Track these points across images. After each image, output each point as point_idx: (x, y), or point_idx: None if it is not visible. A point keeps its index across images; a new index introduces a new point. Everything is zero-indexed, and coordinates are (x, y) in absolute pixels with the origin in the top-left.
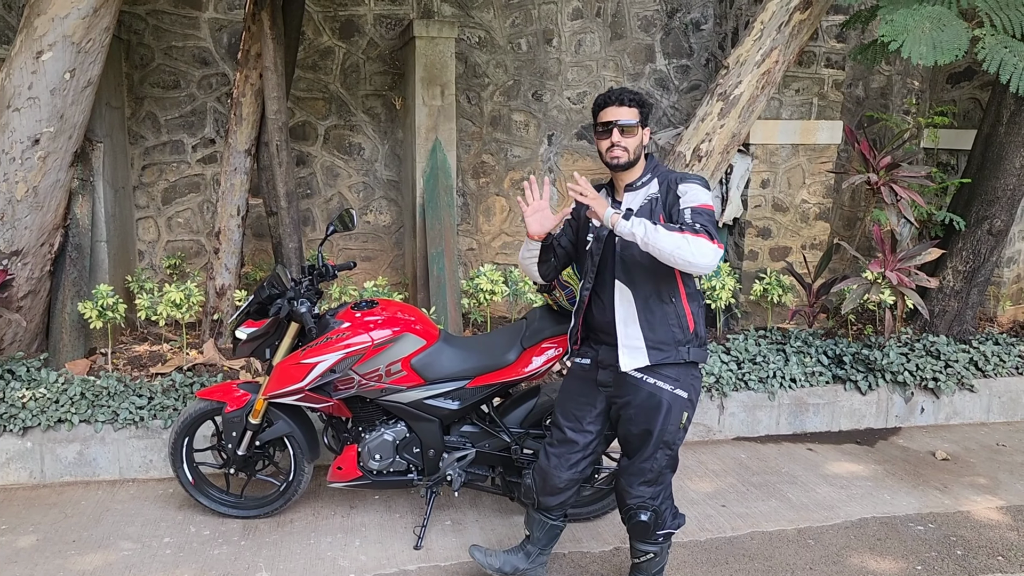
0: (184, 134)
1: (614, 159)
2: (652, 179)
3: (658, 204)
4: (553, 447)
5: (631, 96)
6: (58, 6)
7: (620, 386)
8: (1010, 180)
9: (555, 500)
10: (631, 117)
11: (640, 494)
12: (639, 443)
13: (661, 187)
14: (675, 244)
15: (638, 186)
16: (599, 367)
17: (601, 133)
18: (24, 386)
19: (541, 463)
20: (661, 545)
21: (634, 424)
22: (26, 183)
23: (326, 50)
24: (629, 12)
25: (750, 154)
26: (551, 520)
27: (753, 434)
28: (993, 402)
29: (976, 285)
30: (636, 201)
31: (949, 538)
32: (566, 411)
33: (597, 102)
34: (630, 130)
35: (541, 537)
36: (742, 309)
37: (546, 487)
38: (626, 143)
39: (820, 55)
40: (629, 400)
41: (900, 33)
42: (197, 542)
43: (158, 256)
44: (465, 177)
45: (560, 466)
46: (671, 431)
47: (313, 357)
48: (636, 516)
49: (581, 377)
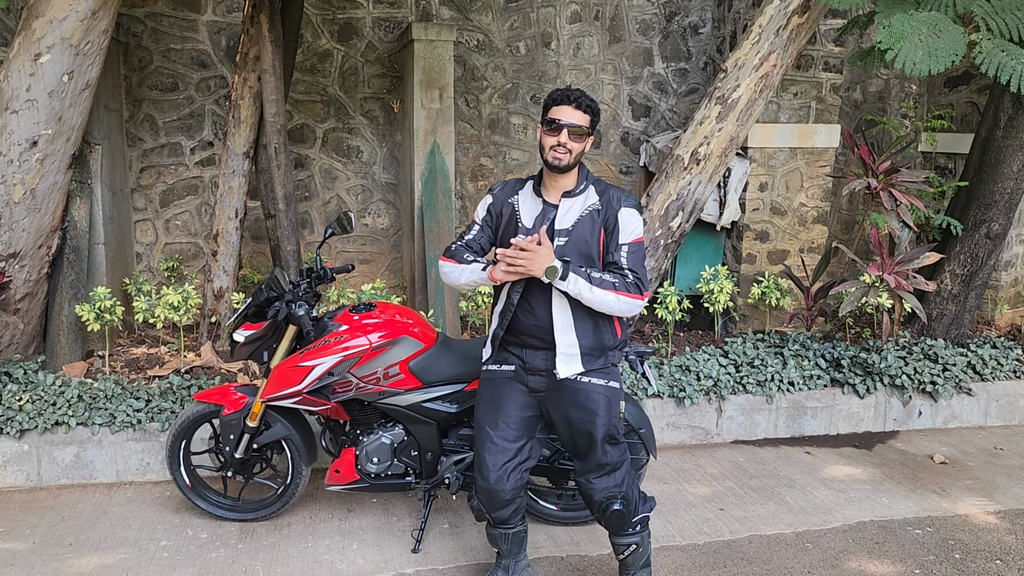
0: (182, 136)
1: (556, 159)
2: (588, 187)
3: (599, 218)
4: (490, 464)
5: (587, 101)
6: (56, 8)
7: (555, 390)
8: (1008, 184)
9: (507, 511)
10: (583, 122)
11: (604, 485)
12: (585, 443)
13: (601, 200)
14: (608, 305)
15: (576, 194)
16: (528, 373)
17: (550, 129)
18: (21, 389)
19: (480, 484)
20: (641, 534)
21: (576, 425)
22: (24, 185)
23: (324, 53)
24: (627, 16)
25: (748, 157)
26: (512, 529)
27: (751, 437)
28: (991, 406)
29: (974, 289)
30: (575, 209)
31: (947, 542)
32: (495, 422)
33: (552, 96)
34: (579, 134)
35: (511, 548)
36: (740, 312)
37: (494, 504)
38: (571, 146)
39: (818, 59)
40: (567, 404)
41: (897, 40)
42: (194, 545)
43: (156, 258)
44: (463, 180)
45: (501, 479)
46: (613, 424)
47: (311, 360)
48: (609, 508)
49: (503, 384)
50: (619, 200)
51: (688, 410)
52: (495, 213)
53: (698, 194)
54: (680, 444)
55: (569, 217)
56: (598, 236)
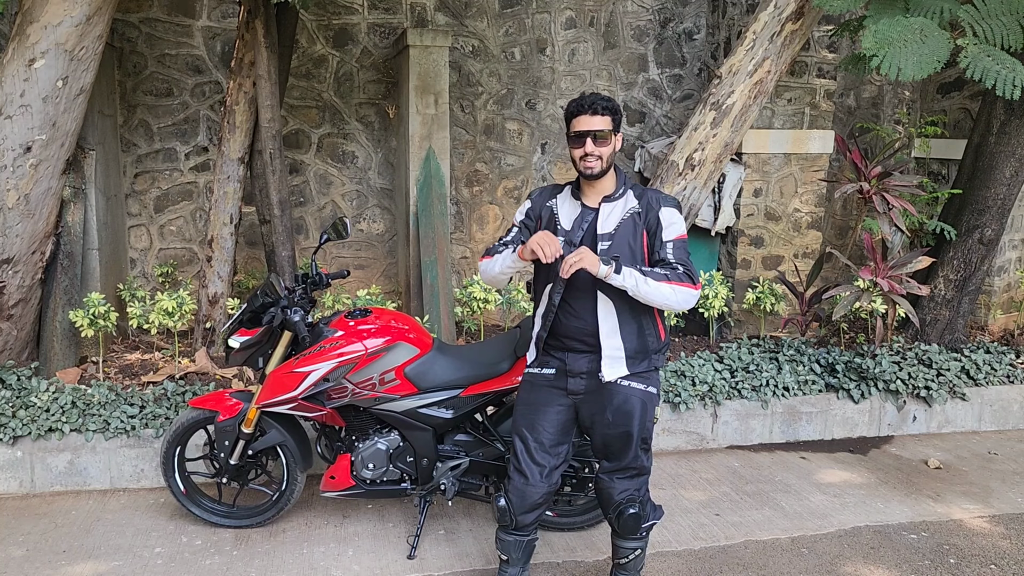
0: (177, 142)
1: (588, 169)
2: (626, 191)
3: (640, 221)
4: (527, 464)
5: (604, 104)
6: (51, 14)
7: (593, 392)
8: (1000, 189)
9: (532, 516)
10: (604, 125)
11: (626, 488)
12: (620, 445)
13: (641, 203)
14: (663, 296)
15: (616, 198)
16: (568, 376)
17: (575, 142)
18: (14, 395)
19: (517, 483)
20: (644, 540)
21: (612, 428)
22: (17, 191)
23: (320, 58)
24: (622, 22)
25: (742, 163)
26: (527, 537)
27: (746, 443)
28: (985, 410)
29: (967, 294)
30: (616, 214)
31: (942, 547)
32: (532, 424)
33: (569, 110)
34: (604, 138)
35: (520, 557)
36: (735, 318)
37: (525, 504)
38: (600, 151)
39: (812, 65)
40: (605, 406)
41: (882, 46)
42: (189, 552)
43: (150, 264)
44: (458, 186)
45: (538, 482)
46: (648, 428)
47: (306, 366)
48: (626, 511)
49: (544, 387)
50: (659, 200)
51: (683, 415)
52: (534, 216)
53: (693, 200)
54: (676, 449)
55: (611, 221)
56: (641, 239)
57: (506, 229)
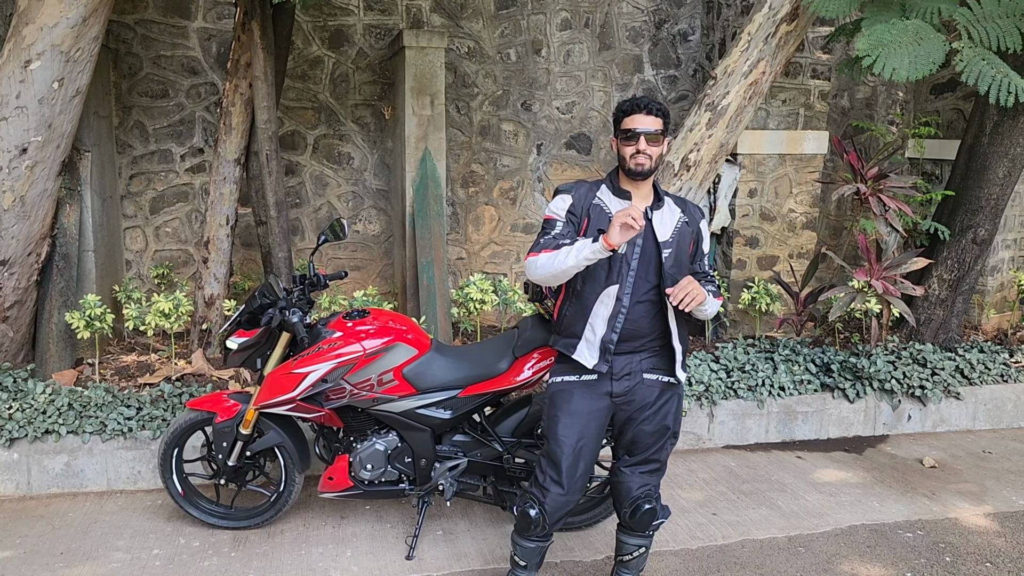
0: (172, 143)
1: (639, 166)
2: (666, 198)
3: (688, 230)
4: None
5: (657, 106)
6: (47, 15)
7: (635, 392)
8: (993, 190)
9: (559, 525)
10: (657, 126)
11: (644, 482)
12: (654, 440)
13: (685, 213)
14: (715, 311)
15: (661, 206)
16: (612, 379)
17: (627, 139)
18: (11, 397)
19: (554, 494)
20: (650, 539)
21: (649, 423)
22: (13, 192)
23: (316, 60)
24: (617, 23)
25: (738, 164)
26: (548, 542)
27: (743, 442)
28: (979, 409)
29: (961, 293)
30: (667, 221)
31: (938, 545)
32: (579, 435)
33: (623, 108)
34: (655, 139)
35: (539, 562)
36: (730, 318)
37: (559, 514)
38: (651, 151)
39: (806, 66)
40: (648, 403)
41: (876, 48)
42: (187, 554)
43: (146, 266)
44: (454, 186)
45: (576, 492)
46: (680, 419)
47: (305, 367)
48: (643, 506)
49: (584, 393)
50: (697, 211)
51: None
52: (578, 212)
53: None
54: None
55: (665, 229)
56: (687, 248)
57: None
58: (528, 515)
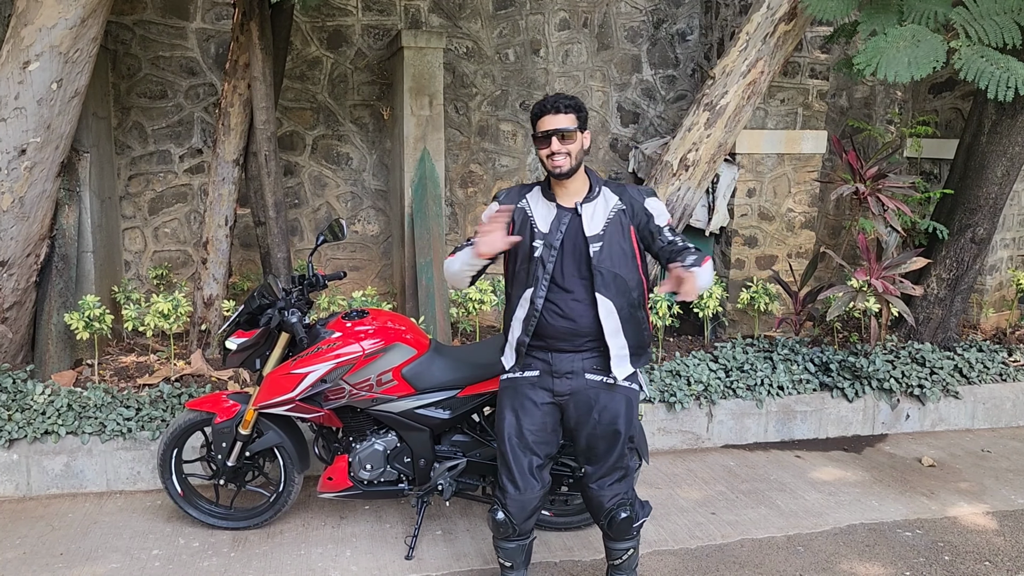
0: (171, 144)
1: (557, 167)
2: (602, 189)
3: (626, 217)
4: (519, 473)
5: (567, 102)
6: (45, 16)
7: (579, 392)
8: (992, 189)
9: (532, 520)
10: (569, 123)
11: (615, 492)
12: (608, 445)
13: (623, 199)
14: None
15: (594, 197)
16: (554, 377)
17: (541, 142)
18: (10, 398)
19: (512, 493)
20: (636, 539)
21: (600, 426)
22: (12, 193)
23: (314, 60)
24: (615, 23)
25: (736, 163)
26: (528, 539)
27: (741, 442)
28: (978, 408)
29: (960, 293)
30: (600, 213)
31: (937, 544)
32: (520, 431)
33: (534, 111)
34: (569, 136)
35: (524, 560)
36: (729, 318)
37: (524, 512)
38: (567, 149)
39: (804, 66)
40: (591, 405)
41: (874, 56)
42: (186, 554)
43: (145, 266)
44: (453, 187)
45: (532, 487)
46: (634, 425)
47: (304, 367)
48: (618, 515)
49: (527, 389)
50: (639, 193)
51: (679, 415)
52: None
53: (687, 200)
54: (671, 449)
55: (596, 222)
56: (630, 237)
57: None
58: (495, 519)
